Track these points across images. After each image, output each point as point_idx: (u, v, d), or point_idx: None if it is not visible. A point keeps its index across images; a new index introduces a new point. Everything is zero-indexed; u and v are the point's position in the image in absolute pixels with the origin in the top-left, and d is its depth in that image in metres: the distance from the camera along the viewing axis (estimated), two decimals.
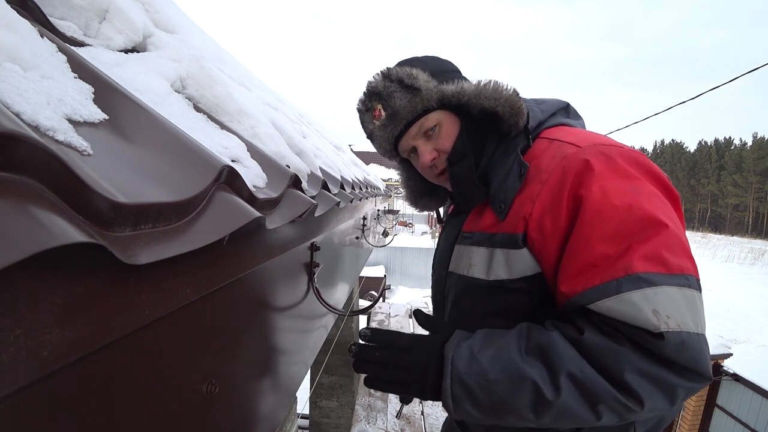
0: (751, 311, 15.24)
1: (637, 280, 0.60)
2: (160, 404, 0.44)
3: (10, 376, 0.24)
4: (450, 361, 0.69)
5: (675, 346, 0.58)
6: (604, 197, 0.64)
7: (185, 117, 0.67)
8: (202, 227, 0.43)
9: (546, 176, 0.72)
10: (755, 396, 5.19)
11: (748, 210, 65.96)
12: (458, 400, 0.67)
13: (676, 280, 0.60)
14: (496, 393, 0.65)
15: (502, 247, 0.75)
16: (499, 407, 0.65)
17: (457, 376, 0.67)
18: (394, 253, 16.46)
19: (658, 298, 0.59)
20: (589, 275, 0.63)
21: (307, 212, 0.74)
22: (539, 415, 0.63)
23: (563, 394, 0.61)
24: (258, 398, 0.77)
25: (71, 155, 0.33)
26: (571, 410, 0.62)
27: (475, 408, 0.67)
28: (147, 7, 0.91)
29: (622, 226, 0.63)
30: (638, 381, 0.59)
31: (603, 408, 0.60)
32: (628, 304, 0.59)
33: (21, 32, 0.41)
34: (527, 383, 0.63)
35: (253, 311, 0.72)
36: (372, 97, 0.87)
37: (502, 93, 0.79)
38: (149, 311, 0.38)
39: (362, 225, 2.44)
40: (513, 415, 0.65)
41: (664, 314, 0.58)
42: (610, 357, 0.60)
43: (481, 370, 0.67)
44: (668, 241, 0.62)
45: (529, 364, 0.65)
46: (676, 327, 0.58)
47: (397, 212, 7.24)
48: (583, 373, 0.61)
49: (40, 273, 0.27)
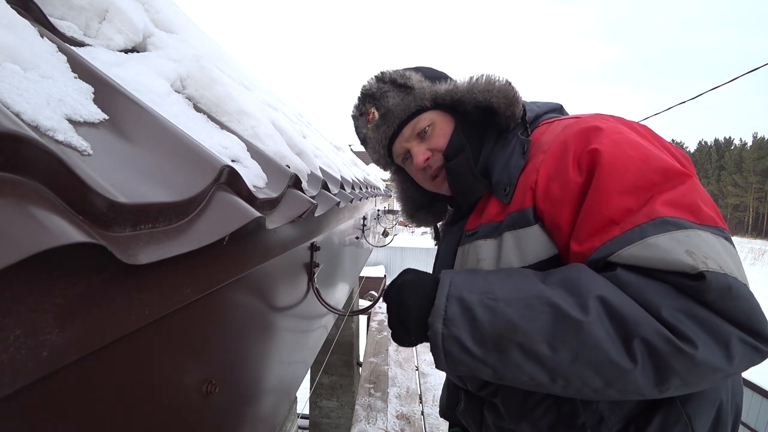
0: None
1: (663, 223, 0.52)
2: (159, 404, 0.44)
3: (10, 376, 0.24)
4: (449, 278, 0.60)
5: (720, 291, 0.48)
6: (617, 148, 0.58)
7: (185, 117, 0.67)
8: (202, 227, 0.43)
9: (548, 146, 0.68)
10: (755, 396, 5.19)
11: (748, 210, 65.97)
12: (451, 324, 0.55)
13: (710, 228, 0.52)
14: (503, 314, 0.53)
15: (511, 229, 0.68)
16: (504, 333, 0.53)
17: (456, 293, 0.57)
18: (394, 253, 16.47)
19: (690, 240, 0.50)
20: (608, 230, 0.55)
21: (307, 212, 0.74)
22: (555, 347, 0.51)
23: (591, 317, 0.50)
24: (258, 398, 0.77)
25: (71, 155, 0.33)
26: (599, 342, 0.49)
27: (473, 335, 0.54)
28: (147, 7, 0.91)
29: (642, 176, 0.56)
30: (683, 319, 0.48)
31: (640, 346, 0.48)
32: (654, 248, 0.51)
33: (21, 32, 0.41)
34: (544, 302, 0.52)
35: (253, 311, 0.72)
36: (366, 99, 0.86)
37: (495, 84, 0.77)
38: (149, 311, 0.38)
39: (362, 225, 2.44)
40: (520, 347, 0.53)
41: (701, 254, 0.49)
42: (648, 290, 0.50)
43: (487, 287, 0.56)
44: (696, 190, 0.55)
45: (550, 287, 0.54)
46: (717, 268, 0.48)
47: (397, 212, 7.24)
48: (620, 299, 0.50)
49: (40, 273, 0.27)
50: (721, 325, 0.48)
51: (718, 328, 0.48)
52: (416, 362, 3.76)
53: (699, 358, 0.48)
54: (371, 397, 3.08)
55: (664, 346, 0.48)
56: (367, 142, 0.91)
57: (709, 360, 0.48)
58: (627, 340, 0.49)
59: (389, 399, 3.05)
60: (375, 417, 2.80)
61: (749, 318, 0.48)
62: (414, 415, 2.85)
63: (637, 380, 0.50)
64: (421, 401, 3.05)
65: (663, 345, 0.48)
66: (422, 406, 2.98)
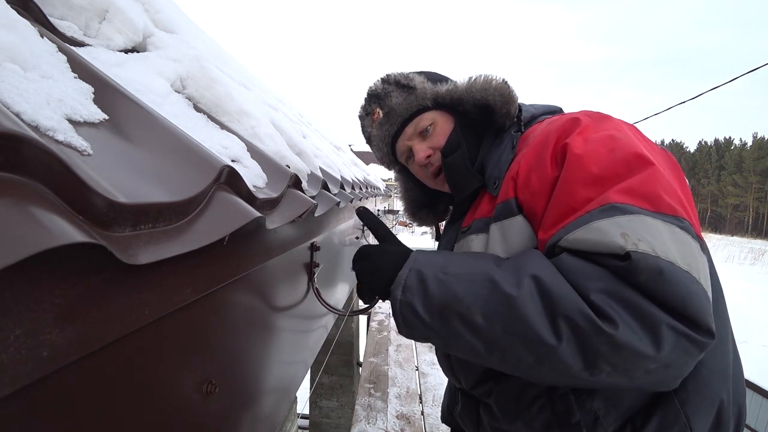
0: (751, 311, 15.25)
1: (610, 209, 0.53)
2: (159, 404, 0.44)
3: (10, 376, 0.24)
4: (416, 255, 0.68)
5: (649, 273, 0.48)
6: (587, 143, 0.61)
7: (185, 117, 0.67)
8: (202, 227, 0.43)
9: (532, 140, 0.72)
10: (755, 396, 5.19)
11: (748, 210, 65.98)
12: (408, 291, 0.62)
13: (663, 217, 0.52)
14: (449, 286, 0.59)
15: (496, 220, 0.71)
16: (447, 302, 0.59)
17: (416, 267, 0.64)
18: None
19: (630, 224, 0.51)
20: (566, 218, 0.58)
21: (307, 212, 0.74)
22: (489, 319, 0.55)
23: (522, 292, 0.53)
24: (258, 398, 0.77)
25: (71, 155, 0.33)
26: (527, 316, 0.52)
27: (423, 303, 0.61)
28: (147, 7, 0.91)
29: (606, 168, 0.58)
30: (609, 302, 0.50)
31: (564, 323, 0.51)
32: (594, 231, 0.53)
33: (21, 32, 0.41)
34: (486, 278, 0.57)
35: (253, 311, 0.72)
36: (371, 100, 0.91)
37: (492, 83, 0.82)
38: (149, 311, 0.38)
39: (362, 225, 2.44)
40: (459, 317, 0.58)
41: (635, 237, 0.50)
42: (582, 275, 0.52)
43: (442, 264, 0.63)
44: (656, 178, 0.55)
45: (498, 268, 0.59)
46: (649, 250, 0.49)
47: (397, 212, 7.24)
48: (552, 279, 0.53)
49: (40, 273, 0.27)
50: (649, 310, 0.48)
51: (645, 312, 0.48)
52: (416, 362, 3.76)
53: (619, 338, 0.48)
54: (371, 397, 3.08)
55: (585, 323, 0.49)
56: (371, 141, 0.95)
57: (631, 342, 0.48)
58: (553, 317, 0.51)
59: (389, 399, 3.05)
60: (375, 417, 2.80)
61: (684, 304, 0.47)
62: (414, 415, 2.85)
63: (564, 359, 0.51)
64: (421, 401, 3.05)
65: (584, 323, 0.49)
66: (422, 406, 2.98)
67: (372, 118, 0.91)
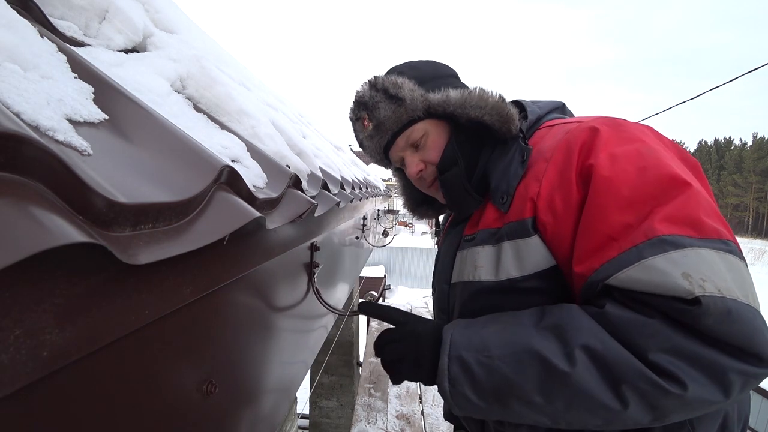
0: None
1: (661, 243, 0.50)
2: (159, 404, 0.44)
3: (10, 376, 0.24)
4: (450, 336, 0.62)
5: (718, 315, 0.46)
6: (614, 164, 0.57)
7: (185, 117, 0.67)
8: (202, 227, 0.43)
9: (550, 153, 0.66)
10: (755, 396, 5.19)
11: (748, 210, 65.97)
12: (456, 382, 0.59)
13: (712, 243, 0.50)
14: (498, 370, 0.56)
15: (510, 238, 0.67)
16: (501, 388, 0.56)
17: (455, 352, 0.60)
18: (394, 253, 16.46)
19: (688, 261, 0.48)
20: (606, 249, 0.54)
21: (307, 212, 0.74)
22: (549, 397, 0.53)
23: (578, 368, 0.51)
24: (258, 398, 0.77)
25: (71, 155, 0.33)
26: (588, 390, 0.51)
27: (475, 391, 0.58)
28: (147, 7, 0.91)
29: (639, 190, 0.54)
30: (671, 360, 0.48)
31: (628, 390, 0.49)
32: (651, 270, 0.49)
33: (21, 32, 0.41)
34: (534, 356, 0.54)
35: (253, 311, 0.72)
36: (359, 106, 0.85)
37: (488, 101, 0.74)
38: (149, 311, 0.38)
39: (362, 225, 2.44)
40: (518, 399, 0.55)
41: (698, 276, 0.47)
42: (636, 331, 0.49)
43: (482, 344, 0.59)
44: (696, 200, 0.53)
45: (540, 337, 0.56)
46: (715, 291, 0.47)
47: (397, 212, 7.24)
48: (605, 345, 0.51)
49: (40, 273, 0.27)
50: (714, 359, 0.47)
51: (711, 362, 0.47)
52: None
53: (689, 396, 0.48)
54: (371, 397, 3.07)
55: (651, 389, 0.48)
56: (364, 148, 0.91)
57: (701, 396, 0.48)
58: (615, 386, 0.50)
59: (389, 399, 3.05)
60: (375, 417, 2.80)
61: (751, 341, 0.46)
62: (414, 415, 2.85)
63: (634, 418, 0.51)
64: (421, 401, 3.05)
65: (650, 388, 0.48)
66: (422, 406, 2.98)
67: (362, 123, 0.86)
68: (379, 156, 0.89)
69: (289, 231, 0.86)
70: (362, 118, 0.85)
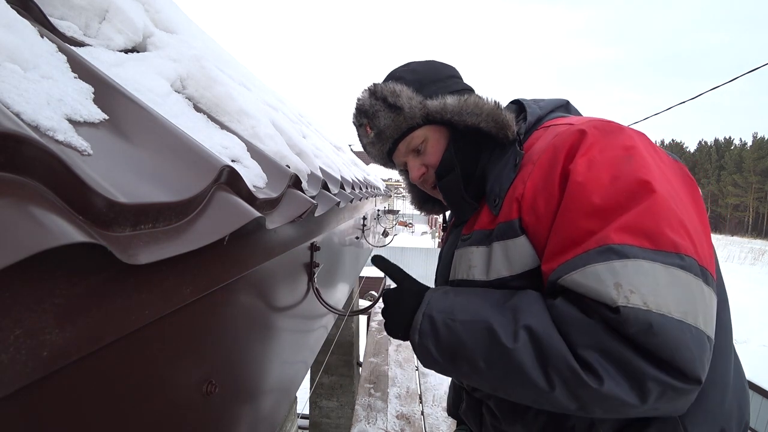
0: (751, 311, 15.24)
1: (607, 251, 0.53)
2: (159, 404, 0.44)
3: (10, 376, 0.24)
4: (429, 298, 0.71)
5: (639, 327, 0.49)
6: (589, 170, 0.59)
7: (185, 117, 0.67)
8: (202, 227, 0.43)
9: (537, 156, 0.68)
10: (755, 396, 5.18)
11: (748, 210, 65.97)
12: (423, 336, 0.67)
13: (662, 257, 0.51)
14: (456, 333, 0.63)
15: (499, 239, 0.70)
16: (455, 348, 0.63)
17: (429, 312, 0.68)
18: (394, 253, 16.46)
19: (625, 271, 0.51)
20: (567, 251, 0.58)
21: (307, 212, 0.74)
22: (490, 365, 0.60)
23: (518, 345, 0.56)
24: (258, 398, 0.77)
25: (71, 155, 0.33)
26: (522, 366, 0.56)
27: (436, 347, 0.66)
28: (147, 7, 0.91)
29: (609, 199, 0.56)
30: (597, 357, 0.51)
31: (554, 373, 0.54)
32: (591, 276, 0.53)
33: (21, 32, 0.41)
34: (487, 327, 0.60)
35: (253, 311, 0.72)
36: (360, 114, 0.88)
37: (483, 108, 0.76)
38: (149, 311, 0.38)
39: (362, 225, 2.44)
40: (466, 361, 0.62)
41: (627, 288, 0.50)
42: (574, 326, 0.54)
43: (451, 309, 0.66)
44: (658, 210, 0.53)
45: (498, 313, 0.62)
46: (640, 304, 0.49)
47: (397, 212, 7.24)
48: (545, 331, 0.55)
49: (40, 273, 0.27)
50: (635, 364, 0.50)
51: (632, 366, 0.50)
52: (416, 362, 3.76)
53: (604, 392, 0.51)
54: (371, 397, 3.08)
55: (572, 377, 0.53)
56: (368, 152, 0.94)
57: (616, 395, 0.51)
58: (545, 368, 0.55)
59: (389, 399, 3.05)
60: (375, 417, 2.80)
61: (672, 356, 0.48)
62: (414, 415, 2.85)
63: (560, 402, 0.55)
64: (421, 401, 3.05)
65: (570, 376, 0.53)
66: (422, 406, 2.98)
67: (365, 130, 0.89)
68: (384, 161, 0.93)
69: (289, 231, 0.86)
70: (364, 125, 0.89)
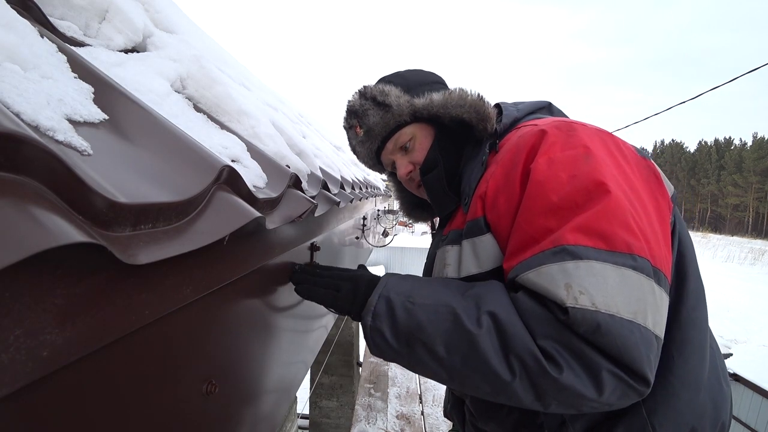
0: (751, 311, 15.25)
1: (562, 252, 0.54)
2: (160, 404, 0.44)
3: (10, 376, 0.24)
4: (387, 280, 0.69)
5: (588, 327, 0.50)
6: (549, 168, 0.60)
7: (185, 117, 0.67)
8: (202, 227, 0.43)
9: (501, 155, 0.70)
10: (755, 396, 5.18)
11: (748, 210, 65.97)
12: (377, 318, 0.64)
13: (614, 257, 0.53)
14: (415, 316, 0.61)
15: (468, 237, 0.71)
16: (413, 332, 0.61)
17: (386, 293, 0.66)
18: (394, 253, 16.47)
19: (577, 272, 0.52)
20: (526, 250, 0.59)
21: (307, 212, 0.74)
22: (450, 350, 0.58)
23: (482, 331, 0.56)
24: (258, 398, 0.77)
25: (71, 155, 0.33)
26: (484, 353, 0.55)
27: (391, 330, 0.63)
28: (147, 7, 0.91)
29: (566, 197, 0.57)
30: (557, 348, 0.52)
31: (516, 361, 0.54)
32: (544, 276, 0.54)
33: (21, 32, 0.41)
34: (450, 311, 0.59)
35: (253, 311, 0.72)
36: (351, 115, 0.90)
37: (467, 99, 0.79)
38: (149, 311, 0.38)
39: (362, 225, 2.44)
40: (423, 345, 0.60)
41: (577, 289, 0.52)
42: (534, 318, 0.55)
43: (409, 291, 0.64)
44: (613, 211, 0.55)
45: (459, 297, 0.61)
46: (588, 305, 0.51)
47: (397, 212, 7.24)
48: (509, 318, 0.55)
49: (40, 273, 0.27)
50: (591, 356, 0.51)
51: (588, 358, 0.51)
52: None
53: (563, 381, 0.51)
54: (371, 397, 3.08)
55: (534, 365, 0.53)
56: (357, 154, 0.96)
57: (574, 385, 0.51)
58: (507, 355, 0.55)
59: (389, 399, 3.05)
60: (375, 417, 2.80)
61: (621, 354, 0.50)
62: (414, 415, 2.85)
63: (517, 393, 0.55)
64: (421, 401, 3.05)
65: (532, 363, 0.53)
66: (422, 406, 2.98)
67: (355, 131, 0.91)
68: (372, 161, 0.94)
69: (289, 231, 0.86)
70: (354, 126, 0.90)
